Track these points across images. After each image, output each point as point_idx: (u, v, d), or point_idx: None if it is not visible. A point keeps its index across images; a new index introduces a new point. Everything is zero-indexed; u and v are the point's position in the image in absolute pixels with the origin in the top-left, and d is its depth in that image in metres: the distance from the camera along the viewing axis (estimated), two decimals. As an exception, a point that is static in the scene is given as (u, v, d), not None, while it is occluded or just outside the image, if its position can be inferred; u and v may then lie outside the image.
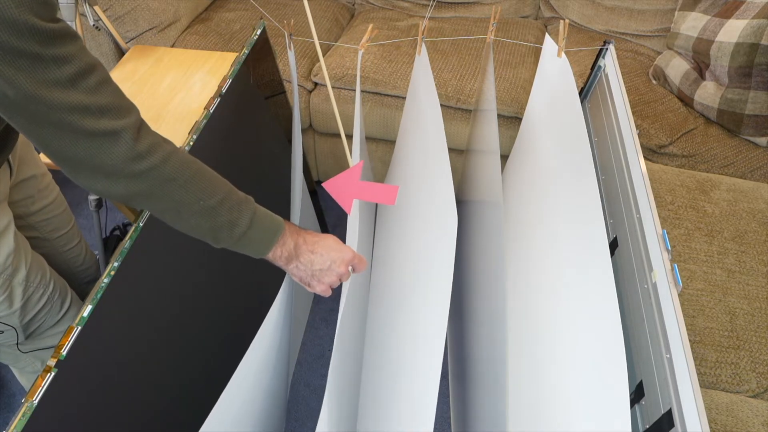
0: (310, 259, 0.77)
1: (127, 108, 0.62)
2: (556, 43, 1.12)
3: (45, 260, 1.02)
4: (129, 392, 0.83)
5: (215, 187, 0.69)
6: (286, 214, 1.27)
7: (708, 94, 1.63)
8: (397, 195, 0.76)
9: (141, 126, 0.63)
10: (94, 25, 1.62)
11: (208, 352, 1.07)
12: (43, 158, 1.11)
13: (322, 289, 0.80)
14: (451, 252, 0.85)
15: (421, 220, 1.05)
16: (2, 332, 0.96)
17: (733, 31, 1.54)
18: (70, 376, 0.67)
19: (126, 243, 0.79)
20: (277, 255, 0.75)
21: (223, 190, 0.70)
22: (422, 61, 1.17)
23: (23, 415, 0.61)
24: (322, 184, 0.81)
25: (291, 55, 1.19)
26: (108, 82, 0.61)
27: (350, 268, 0.80)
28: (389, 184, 1.44)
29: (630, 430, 0.73)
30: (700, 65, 1.68)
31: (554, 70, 1.13)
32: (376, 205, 1.48)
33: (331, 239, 0.79)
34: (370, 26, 1.19)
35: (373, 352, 1.11)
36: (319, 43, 0.92)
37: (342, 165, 1.93)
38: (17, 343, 1.00)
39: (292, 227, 0.77)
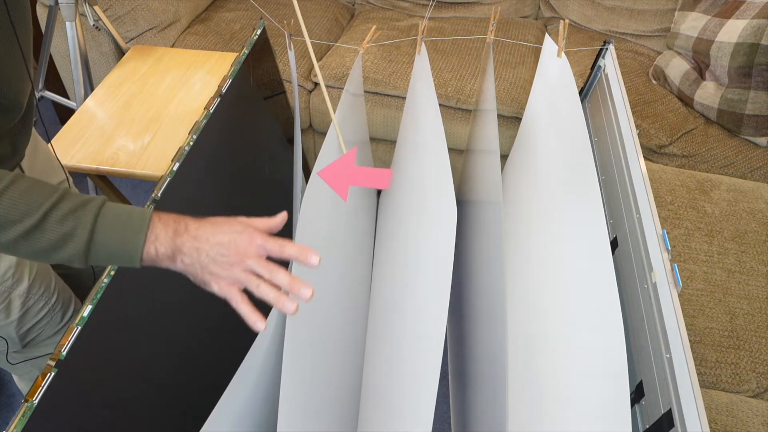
0: (195, 247, 0.61)
1: None
2: (556, 43, 1.12)
3: (52, 269, 1.01)
4: (129, 392, 0.83)
5: (33, 202, 0.57)
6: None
7: (708, 94, 1.63)
8: (390, 178, 0.71)
9: None
10: (94, 25, 1.62)
11: (210, 351, 1.07)
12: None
13: (218, 285, 0.61)
14: (450, 250, 0.85)
15: (420, 219, 1.05)
16: None
17: (733, 31, 1.54)
18: (70, 376, 0.67)
19: (126, 243, 0.79)
20: (152, 255, 0.61)
21: (47, 202, 0.58)
22: (422, 61, 1.17)
23: (23, 415, 0.61)
24: (317, 173, 0.75)
25: (291, 55, 1.19)
26: None
27: (260, 253, 0.62)
28: (390, 183, 1.44)
29: (630, 430, 0.73)
30: (700, 65, 1.68)
31: (554, 70, 1.13)
32: (377, 205, 1.48)
33: (228, 222, 0.63)
34: (373, 27, 1.19)
35: (373, 351, 1.11)
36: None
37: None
38: (6, 353, 0.99)
39: (167, 216, 0.62)
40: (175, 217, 0.63)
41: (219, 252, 0.61)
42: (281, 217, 0.67)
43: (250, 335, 0.84)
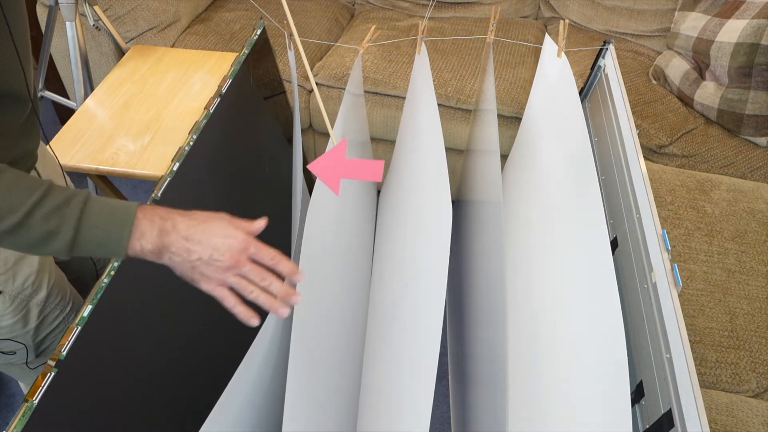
0: (185, 247, 0.61)
1: None
2: (556, 43, 1.12)
3: (65, 275, 1.01)
4: (129, 392, 0.83)
5: (16, 199, 0.57)
6: (286, 215, 1.27)
7: (708, 94, 1.63)
8: (382, 170, 0.71)
9: None
10: (94, 25, 1.62)
11: (210, 350, 1.07)
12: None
13: (209, 285, 0.63)
14: (446, 249, 0.85)
15: (418, 219, 1.05)
16: (14, 352, 0.95)
17: (733, 31, 1.54)
18: (70, 376, 0.67)
19: (126, 243, 0.79)
20: (138, 250, 0.61)
21: (31, 199, 0.58)
22: (422, 61, 1.17)
23: (23, 415, 0.61)
24: (307, 166, 0.73)
25: (291, 55, 1.19)
26: None
27: (248, 257, 0.63)
28: (390, 183, 1.44)
29: (630, 430, 0.73)
30: (700, 65, 1.68)
31: (554, 70, 1.13)
32: (377, 205, 1.48)
33: (217, 221, 0.64)
34: (373, 27, 1.19)
35: (372, 351, 1.11)
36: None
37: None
38: (26, 362, 0.99)
39: (153, 212, 0.62)
40: (161, 213, 0.63)
41: (213, 256, 0.62)
42: (262, 223, 0.67)
43: (250, 334, 0.84)
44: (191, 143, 0.94)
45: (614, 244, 1.04)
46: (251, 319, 0.63)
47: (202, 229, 0.62)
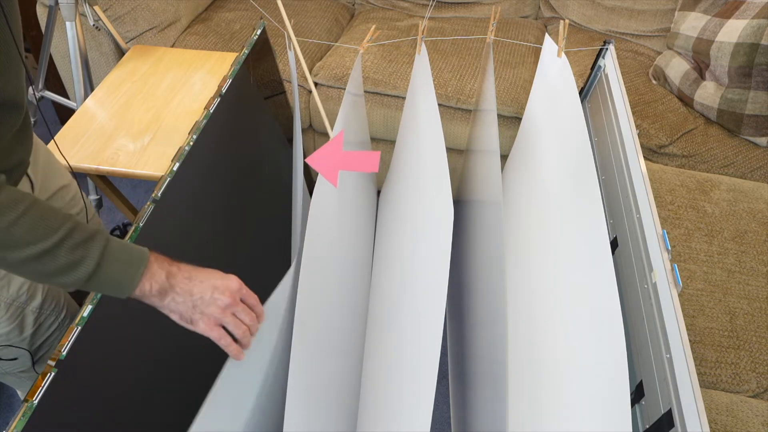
0: (189, 287, 0.68)
1: None
2: (556, 43, 1.12)
3: None
4: (129, 392, 0.83)
5: (50, 227, 0.61)
6: (286, 215, 1.27)
7: (708, 94, 1.63)
8: (378, 161, 0.71)
9: None
10: (94, 25, 1.62)
11: (210, 351, 1.07)
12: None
13: (208, 325, 0.69)
14: (447, 249, 0.85)
15: (419, 219, 1.05)
16: (16, 359, 0.95)
17: (733, 31, 1.54)
18: (70, 376, 0.67)
19: (126, 243, 0.79)
20: (146, 290, 0.66)
21: (62, 229, 0.62)
22: (422, 61, 1.17)
23: (23, 415, 0.61)
24: (306, 160, 0.75)
25: (291, 55, 1.19)
26: None
27: (239, 300, 0.70)
28: (390, 183, 1.44)
29: (630, 430, 0.73)
30: (700, 65, 1.68)
31: (554, 70, 1.13)
32: (377, 205, 1.48)
33: (211, 269, 0.71)
34: (373, 27, 1.19)
35: (372, 351, 1.11)
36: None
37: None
38: (29, 368, 0.99)
39: (161, 258, 0.68)
40: (168, 260, 0.69)
41: (214, 295, 0.68)
42: (256, 302, 0.74)
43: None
44: (191, 143, 0.94)
45: (614, 244, 1.04)
46: (240, 355, 0.72)
47: (202, 271, 0.70)
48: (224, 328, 0.71)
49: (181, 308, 0.68)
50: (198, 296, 0.68)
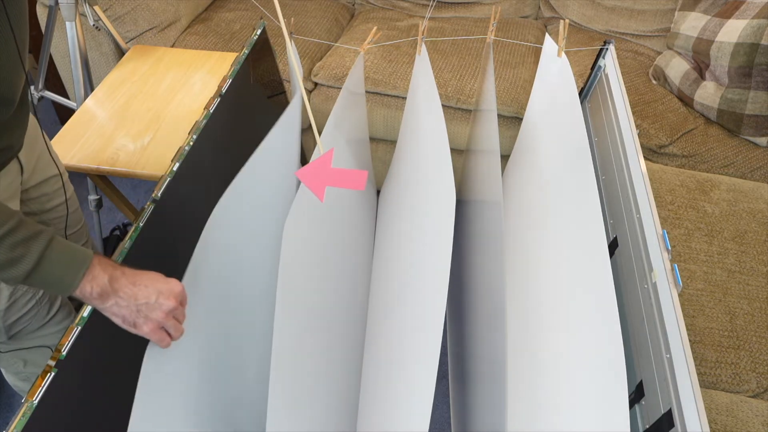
0: (132, 292, 0.68)
1: None
2: (556, 43, 1.12)
3: None
4: (129, 392, 0.83)
5: None
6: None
7: (708, 94, 1.63)
8: (366, 180, 0.72)
9: None
10: (94, 25, 1.62)
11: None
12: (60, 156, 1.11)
13: (151, 329, 0.70)
14: (448, 246, 0.85)
15: (420, 219, 1.05)
16: None
17: (733, 31, 1.54)
18: (70, 376, 0.67)
19: (126, 243, 0.79)
20: (86, 292, 0.67)
21: (5, 225, 0.63)
22: (422, 61, 1.17)
23: (23, 415, 0.61)
24: (295, 173, 0.76)
25: (291, 55, 1.19)
26: None
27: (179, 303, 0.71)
28: (390, 183, 1.44)
29: (630, 430, 0.73)
30: (700, 65, 1.68)
31: (554, 70, 1.13)
32: (377, 205, 1.48)
33: (154, 273, 0.71)
34: (374, 28, 1.19)
35: (372, 351, 1.11)
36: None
37: (342, 165, 1.93)
38: (8, 341, 0.99)
39: (105, 261, 0.69)
40: (113, 264, 0.70)
41: (158, 300, 0.69)
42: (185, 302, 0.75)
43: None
44: (191, 143, 0.94)
45: (614, 244, 1.04)
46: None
47: (146, 276, 0.70)
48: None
49: (124, 312, 0.69)
50: (143, 301, 0.69)
